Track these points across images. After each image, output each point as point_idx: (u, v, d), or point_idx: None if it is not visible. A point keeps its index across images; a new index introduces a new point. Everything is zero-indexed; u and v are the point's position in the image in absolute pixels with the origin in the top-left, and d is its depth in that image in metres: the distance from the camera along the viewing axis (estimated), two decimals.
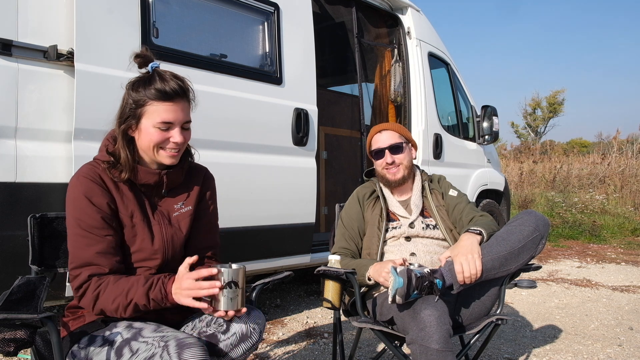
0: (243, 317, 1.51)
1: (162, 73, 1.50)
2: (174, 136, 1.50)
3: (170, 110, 1.48)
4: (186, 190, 1.66)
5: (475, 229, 2.00)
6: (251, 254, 3.10)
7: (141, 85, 1.49)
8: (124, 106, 1.51)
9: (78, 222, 1.45)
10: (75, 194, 1.46)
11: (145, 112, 1.48)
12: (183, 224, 1.62)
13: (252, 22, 3.20)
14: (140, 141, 1.52)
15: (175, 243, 1.59)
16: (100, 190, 1.47)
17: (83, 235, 1.45)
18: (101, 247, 1.44)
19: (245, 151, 3.02)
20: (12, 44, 2.16)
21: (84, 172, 1.49)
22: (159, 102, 1.47)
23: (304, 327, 3.37)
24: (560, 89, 31.09)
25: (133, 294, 1.42)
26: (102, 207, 1.46)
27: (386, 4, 4.45)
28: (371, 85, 4.70)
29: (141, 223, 1.52)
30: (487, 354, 2.84)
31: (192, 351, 1.28)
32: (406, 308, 1.81)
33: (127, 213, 1.51)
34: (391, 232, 2.21)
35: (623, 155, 12.94)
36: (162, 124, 1.48)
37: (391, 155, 2.24)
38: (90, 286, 1.43)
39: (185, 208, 1.63)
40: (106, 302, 1.42)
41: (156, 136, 1.48)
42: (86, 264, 1.43)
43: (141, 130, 1.50)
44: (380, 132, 2.29)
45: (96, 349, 1.42)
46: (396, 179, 2.25)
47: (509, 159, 16.77)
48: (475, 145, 5.14)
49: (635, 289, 4.56)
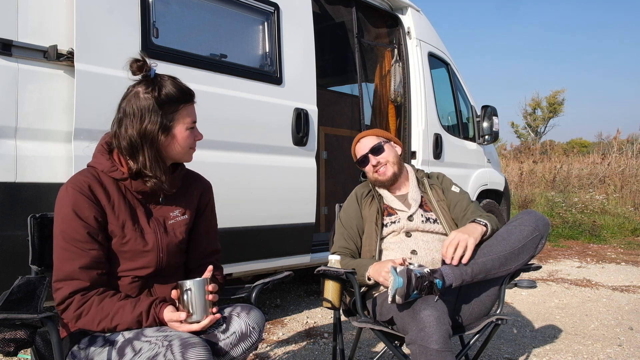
0: (242, 316, 1.52)
1: (167, 76, 1.53)
2: (198, 134, 1.59)
3: (194, 110, 1.58)
4: (183, 197, 1.65)
5: (481, 221, 2.02)
6: (251, 254, 3.10)
7: (161, 94, 1.47)
8: (148, 123, 1.47)
9: (62, 234, 1.44)
10: (62, 206, 1.45)
11: (179, 117, 1.52)
12: (179, 231, 1.60)
13: (252, 22, 3.20)
14: (172, 146, 1.53)
15: (170, 251, 1.58)
16: (88, 204, 1.45)
17: (66, 249, 1.44)
18: (84, 262, 1.43)
19: (245, 151, 3.02)
20: (12, 44, 2.16)
21: (74, 183, 1.47)
22: (188, 105, 1.55)
23: (304, 327, 3.37)
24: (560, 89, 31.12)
25: (119, 319, 1.42)
26: (88, 221, 1.44)
27: (386, 4, 4.45)
28: (371, 85, 4.70)
29: (133, 232, 1.51)
30: (487, 354, 2.84)
31: (195, 351, 1.29)
32: (406, 308, 1.81)
33: (118, 224, 1.49)
34: (390, 227, 2.21)
35: (623, 155, 12.94)
36: (193, 124, 1.56)
37: (374, 157, 2.28)
38: (73, 304, 1.42)
39: (181, 216, 1.63)
40: (89, 323, 1.43)
41: (191, 137, 1.56)
42: (68, 277, 1.42)
43: (174, 136, 1.52)
44: (359, 141, 2.35)
45: (97, 349, 1.42)
46: (387, 177, 2.26)
47: (509, 159, 16.77)
48: (475, 145, 5.14)
49: (635, 289, 4.56)
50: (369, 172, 2.33)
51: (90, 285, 1.43)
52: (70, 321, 1.44)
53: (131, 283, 1.52)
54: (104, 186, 1.50)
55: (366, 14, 4.37)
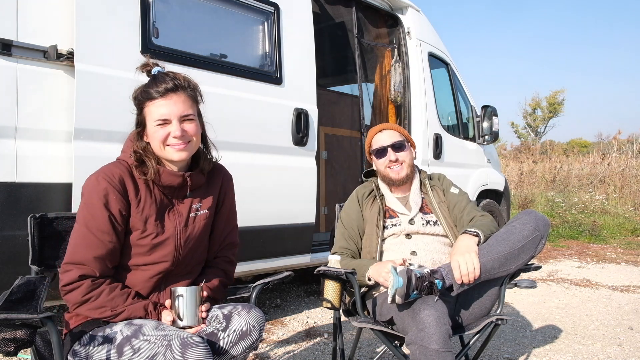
0: (243, 315, 1.53)
1: (159, 75, 1.54)
2: (173, 130, 1.52)
3: (164, 105, 1.52)
4: (205, 191, 1.67)
5: (473, 231, 1.99)
6: (251, 254, 3.10)
7: (139, 91, 1.54)
8: (136, 116, 1.58)
9: (85, 220, 1.47)
10: (91, 194, 1.48)
11: (146, 114, 1.53)
12: (199, 226, 1.63)
13: (252, 22, 3.20)
14: (152, 144, 1.55)
15: (189, 246, 1.60)
16: (116, 196, 1.48)
17: (85, 236, 1.46)
18: (100, 253, 1.46)
19: (245, 151, 3.02)
20: (12, 44, 2.16)
21: (105, 172, 1.50)
22: (152, 101, 1.52)
23: (304, 327, 3.37)
24: (560, 89, 31.18)
25: (125, 316, 1.47)
26: (114, 213, 1.48)
27: (386, 4, 4.45)
28: (371, 85, 4.70)
29: (154, 228, 1.53)
30: (487, 354, 2.84)
31: (195, 351, 1.29)
32: (406, 308, 1.81)
33: (141, 218, 1.52)
34: (391, 230, 2.20)
35: (623, 155, 12.94)
36: (160, 121, 1.52)
37: (394, 153, 2.23)
38: (81, 288, 1.44)
39: (202, 210, 1.64)
40: (92, 310, 1.45)
41: (158, 133, 1.52)
42: (79, 263, 1.44)
43: (148, 133, 1.54)
44: (381, 132, 2.29)
45: (96, 347, 1.42)
46: (400, 177, 2.23)
47: (509, 159, 16.76)
48: (475, 145, 5.14)
49: (635, 289, 4.56)
50: (382, 165, 2.26)
51: (99, 275, 1.46)
52: (73, 303, 1.46)
53: (147, 277, 1.55)
54: (134, 180, 1.54)
55: (366, 14, 4.37)
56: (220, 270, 1.73)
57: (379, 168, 2.30)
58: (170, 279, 1.59)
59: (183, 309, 1.47)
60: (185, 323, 1.48)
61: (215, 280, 1.68)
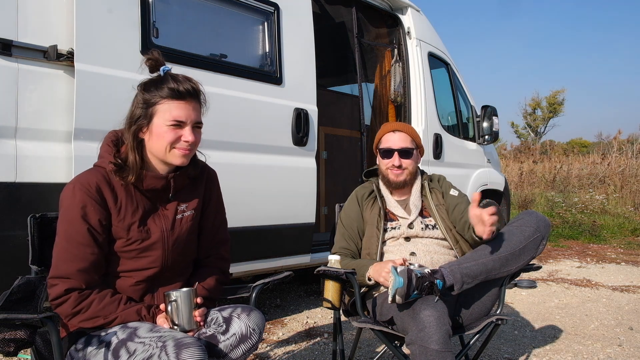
0: (243, 318, 1.51)
1: (174, 75, 1.52)
2: (186, 134, 1.49)
3: (182, 108, 1.49)
4: (190, 191, 1.65)
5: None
6: (251, 254, 3.10)
7: (153, 85, 1.49)
8: (135, 107, 1.51)
9: (66, 234, 1.45)
10: (68, 206, 1.45)
11: (157, 110, 1.48)
12: (186, 227, 1.61)
13: (252, 22, 3.20)
14: (152, 142, 1.50)
15: (177, 248, 1.58)
16: (94, 207, 1.45)
17: (67, 249, 1.44)
18: (83, 265, 1.43)
19: (245, 151, 3.02)
20: (12, 44, 2.16)
21: (82, 182, 1.46)
22: (171, 100, 1.47)
23: (304, 327, 3.37)
24: (560, 89, 31.16)
25: (119, 323, 1.46)
26: (93, 225, 1.45)
27: (386, 4, 4.45)
28: (371, 85, 4.70)
29: (139, 234, 1.51)
30: (487, 354, 2.84)
31: (190, 351, 1.28)
32: (406, 308, 1.81)
33: (123, 226, 1.49)
34: (390, 233, 2.20)
35: (623, 155, 12.94)
36: (174, 122, 1.48)
37: (400, 159, 2.21)
38: (69, 301, 1.42)
39: (188, 211, 1.62)
40: (85, 321, 1.44)
41: (169, 134, 1.48)
42: (64, 277, 1.43)
43: (152, 130, 1.49)
44: (394, 132, 2.25)
45: (92, 351, 1.42)
46: (398, 181, 2.23)
47: (509, 159, 16.77)
48: (475, 145, 5.14)
49: (635, 289, 4.56)
50: (384, 165, 2.26)
51: (85, 287, 1.44)
52: (64, 316, 1.45)
53: (137, 282, 1.53)
54: (112, 187, 1.49)
55: (366, 14, 4.37)
56: (215, 269, 1.71)
57: (380, 166, 2.30)
58: (162, 282, 1.57)
59: (177, 313, 1.45)
60: (181, 327, 1.46)
61: (211, 279, 1.67)
